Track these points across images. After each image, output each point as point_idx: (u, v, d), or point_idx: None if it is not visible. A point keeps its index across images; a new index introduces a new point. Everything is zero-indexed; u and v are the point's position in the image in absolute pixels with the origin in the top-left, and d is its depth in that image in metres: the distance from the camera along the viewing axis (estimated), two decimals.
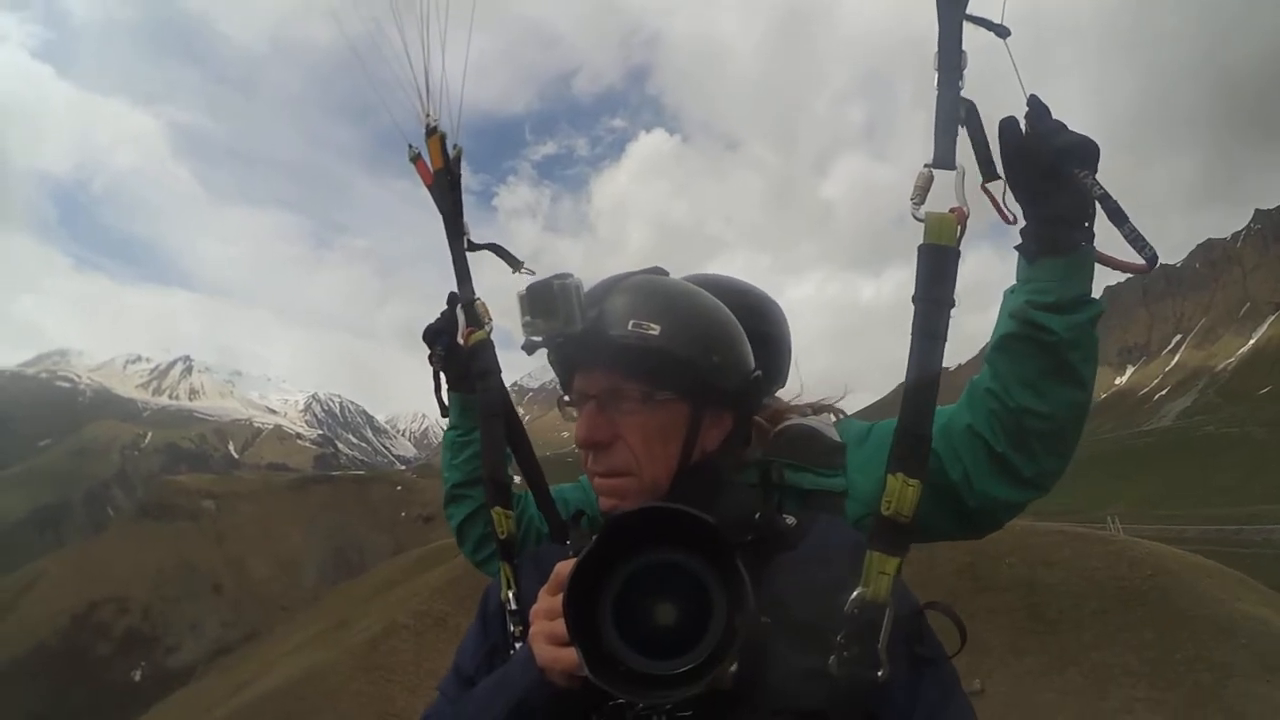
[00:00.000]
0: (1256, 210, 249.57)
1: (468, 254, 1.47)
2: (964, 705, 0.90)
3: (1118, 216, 0.99)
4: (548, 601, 0.86)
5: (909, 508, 0.87)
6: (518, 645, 1.02)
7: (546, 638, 0.83)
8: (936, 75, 0.97)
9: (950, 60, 0.97)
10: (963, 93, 0.98)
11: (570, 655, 0.78)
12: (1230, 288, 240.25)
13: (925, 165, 0.96)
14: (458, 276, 1.45)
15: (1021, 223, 1.09)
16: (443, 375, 1.57)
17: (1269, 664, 7.82)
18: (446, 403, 1.61)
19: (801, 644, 0.85)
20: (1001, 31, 1.02)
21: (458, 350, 1.52)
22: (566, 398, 1.05)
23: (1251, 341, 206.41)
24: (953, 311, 0.93)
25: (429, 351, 1.55)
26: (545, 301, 0.97)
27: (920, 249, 0.93)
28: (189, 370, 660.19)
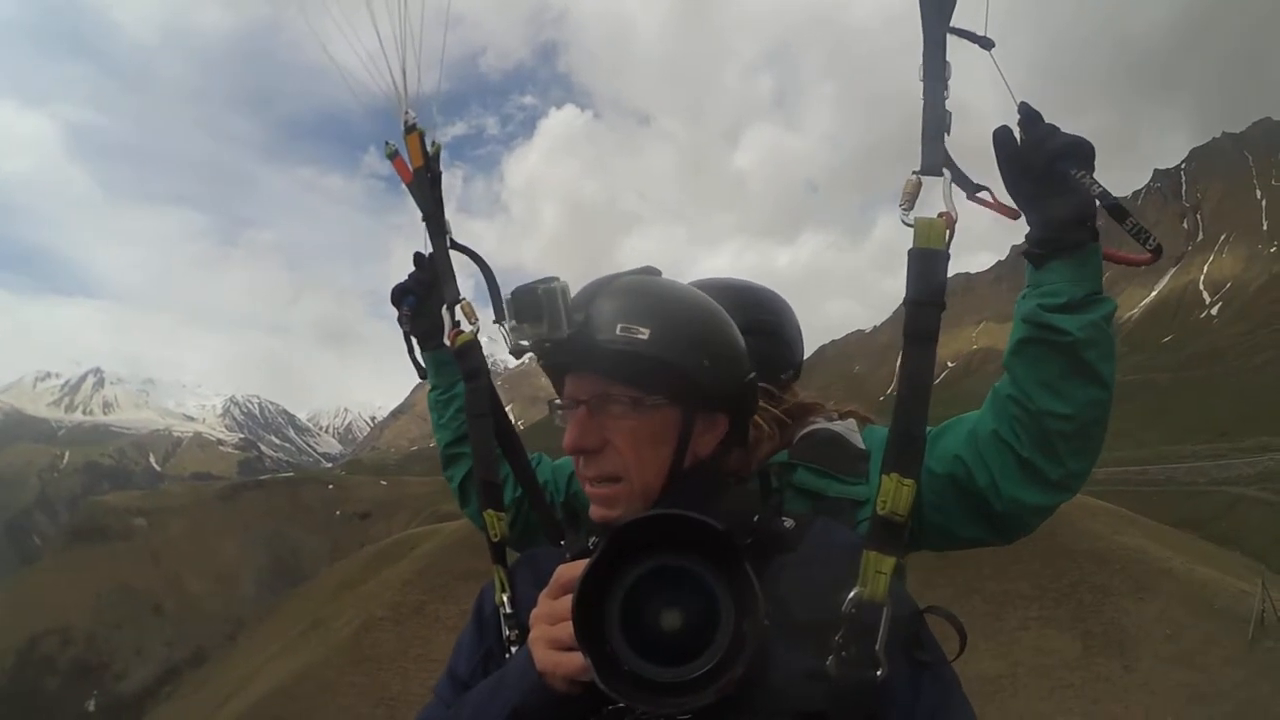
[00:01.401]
0: (1155, 170, 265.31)
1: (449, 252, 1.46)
2: (964, 705, 0.90)
3: (1119, 213, 1.03)
4: (549, 605, 0.86)
5: (904, 507, 0.88)
6: (513, 649, 1.03)
7: (547, 642, 0.83)
8: (922, 85, 1.00)
9: (935, 70, 1.00)
10: (947, 103, 0.99)
11: (571, 660, 0.78)
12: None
13: (913, 172, 0.98)
14: (441, 276, 1.43)
15: (1026, 227, 1.13)
16: (413, 337, 1.60)
17: (1141, 584, 9.62)
18: (422, 364, 1.64)
19: (801, 645, 0.85)
20: (985, 43, 1.05)
21: (425, 308, 1.55)
22: (557, 401, 1.04)
23: (1154, 293, 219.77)
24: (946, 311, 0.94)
25: (398, 313, 1.56)
26: (530, 307, 0.95)
27: (910, 253, 0.94)
28: (101, 383, 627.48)
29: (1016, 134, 1.08)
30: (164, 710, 27.89)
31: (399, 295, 1.56)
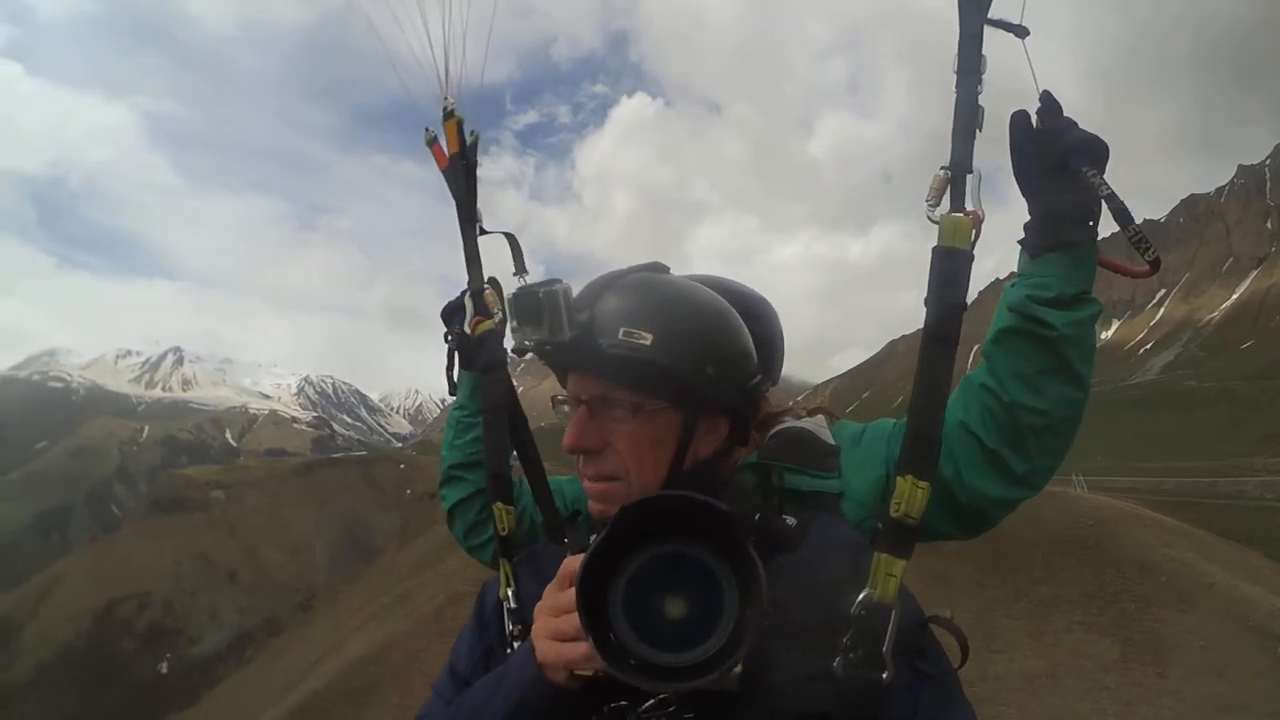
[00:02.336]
0: (1239, 165, 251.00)
1: (479, 240, 1.45)
2: (966, 711, 0.89)
3: (1123, 217, 1.00)
4: (554, 597, 0.85)
5: (918, 510, 0.86)
6: (515, 645, 1.02)
7: (549, 634, 0.82)
8: (955, 78, 0.97)
9: (970, 64, 0.97)
10: (981, 98, 0.97)
11: (574, 651, 0.78)
12: (1214, 243, 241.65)
13: (942, 168, 0.96)
14: (468, 263, 1.42)
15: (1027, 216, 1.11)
16: (456, 354, 1.58)
17: (1182, 597, 10.14)
18: (457, 381, 1.61)
19: (804, 645, 0.84)
20: (1020, 31, 1.02)
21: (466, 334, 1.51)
22: (560, 397, 1.03)
23: (1235, 296, 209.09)
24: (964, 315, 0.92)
25: (445, 330, 1.56)
26: (531, 311, 0.94)
27: (934, 251, 0.92)
28: (180, 361, 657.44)
29: (1034, 121, 1.08)
30: (246, 674, 29.97)
31: (449, 313, 1.56)
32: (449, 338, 1.56)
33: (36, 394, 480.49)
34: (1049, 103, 1.05)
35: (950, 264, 0.92)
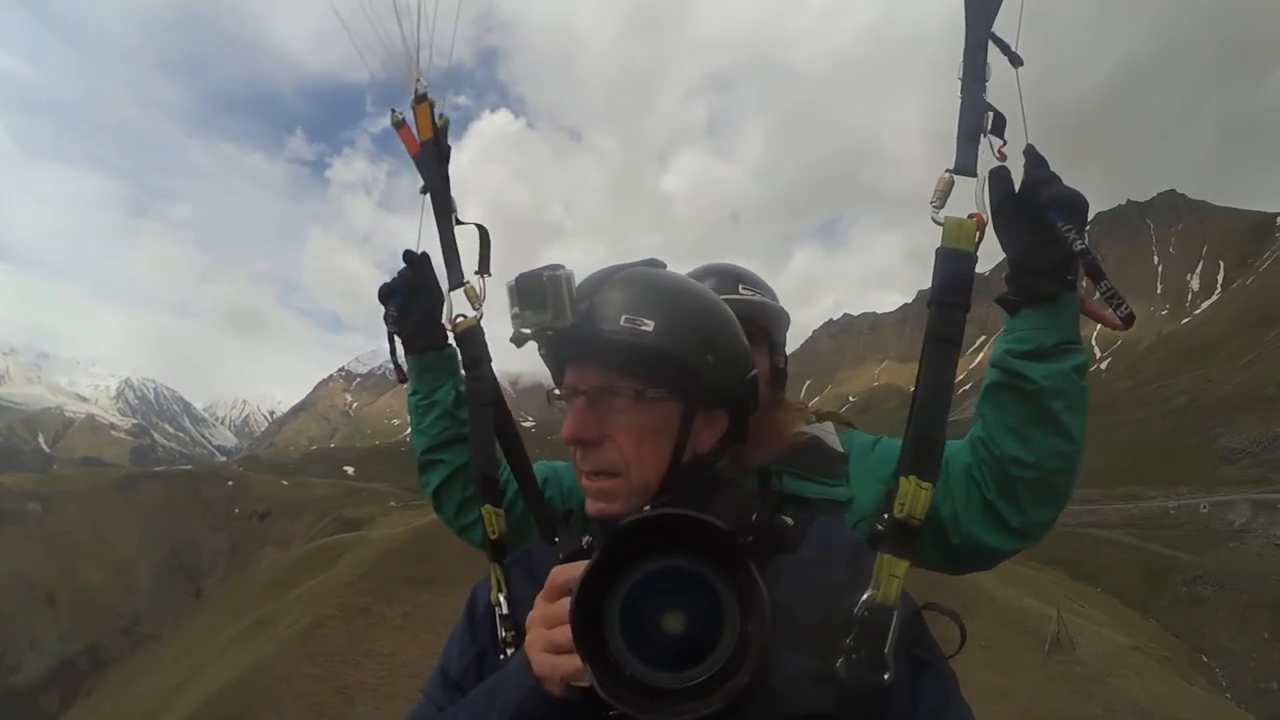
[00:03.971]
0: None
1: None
2: (964, 705, 0.89)
3: (1095, 273, 1.02)
4: (545, 608, 0.83)
5: (921, 510, 0.86)
6: (508, 651, 0.99)
7: (544, 646, 0.81)
8: (960, 83, 0.99)
9: (975, 71, 0.99)
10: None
11: (570, 662, 0.76)
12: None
13: (947, 170, 0.96)
14: (445, 257, 1.37)
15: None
16: (398, 339, 1.53)
17: (966, 606, 12.25)
18: (404, 367, 1.56)
19: (805, 647, 0.83)
20: (1015, 60, 1.03)
21: (411, 311, 1.50)
22: (557, 391, 1.01)
23: None
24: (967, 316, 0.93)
25: (384, 311, 1.50)
26: (534, 293, 0.93)
27: (938, 253, 0.92)
28: None
29: (1016, 178, 1.07)
30: (93, 704, 27.80)
31: (386, 294, 1.50)
32: (388, 319, 1.51)
33: None
34: (1033, 156, 1.06)
35: (954, 265, 0.93)
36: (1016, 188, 1.07)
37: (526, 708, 0.83)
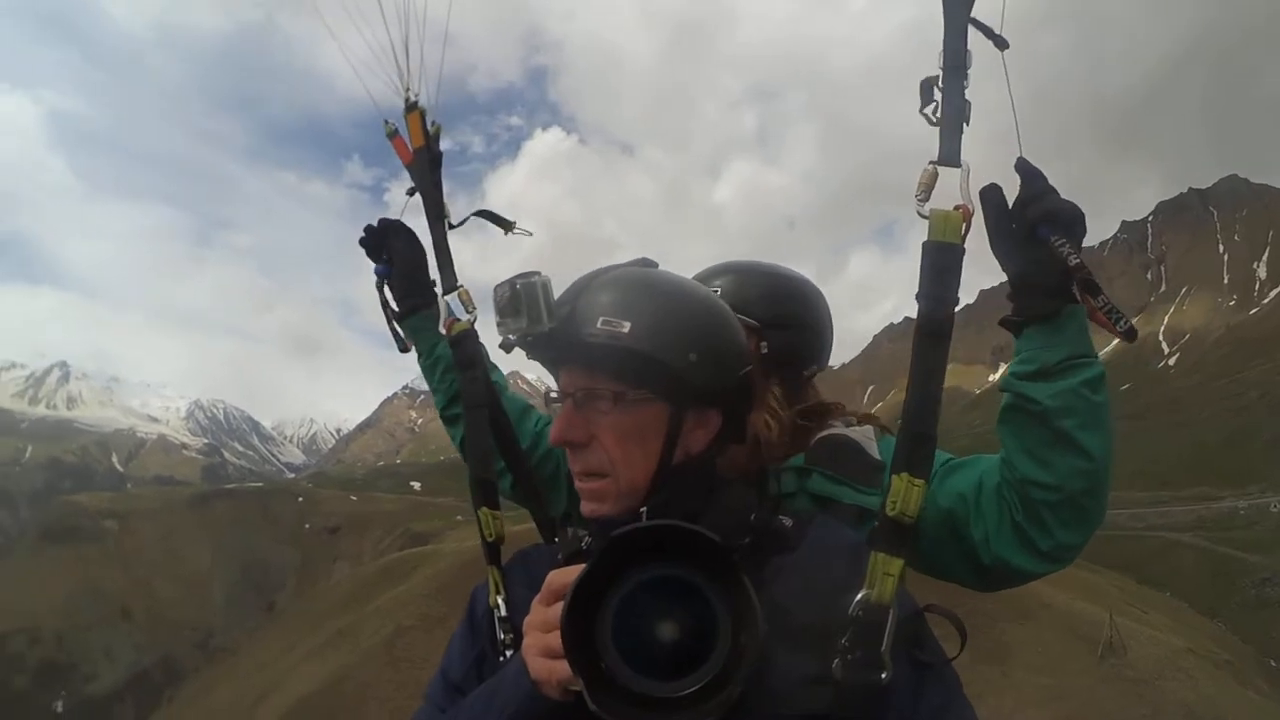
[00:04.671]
0: (1123, 221, 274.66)
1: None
2: (966, 707, 0.88)
3: (1090, 289, 0.99)
4: (541, 613, 0.83)
5: (914, 508, 0.86)
6: (507, 653, 0.99)
7: (540, 650, 0.81)
8: (941, 74, 0.97)
9: (956, 60, 0.97)
10: (966, 93, 0.97)
11: (566, 668, 0.75)
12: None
13: (930, 162, 0.95)
14: (439, 262, 1.38)
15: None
16: (391, 309, 1.56)
17: (1023, 613, 12.69)
18: (404, 337, 1.57)
19: (803, 648, 0.83)
20: (1000, 43, 1.02)
21: (394, 272, 1.53)
22: (553, 394, 1.02)
23: (1114, 342, 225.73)
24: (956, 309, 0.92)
25: (374, 267, 1.54)
26: (509, 301, 0.95)
27: (924, 246, 0.92)
28: (66, 377, 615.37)
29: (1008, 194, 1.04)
30: (179, 710, 29.38)
31: (373, 242, 1.55)
32: (378, 288, 1.55)
33: None
34: (1026, 169, 1.03)
35: (941, 259, 0.92)
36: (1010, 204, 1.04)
37: (524, 712, 0.83)
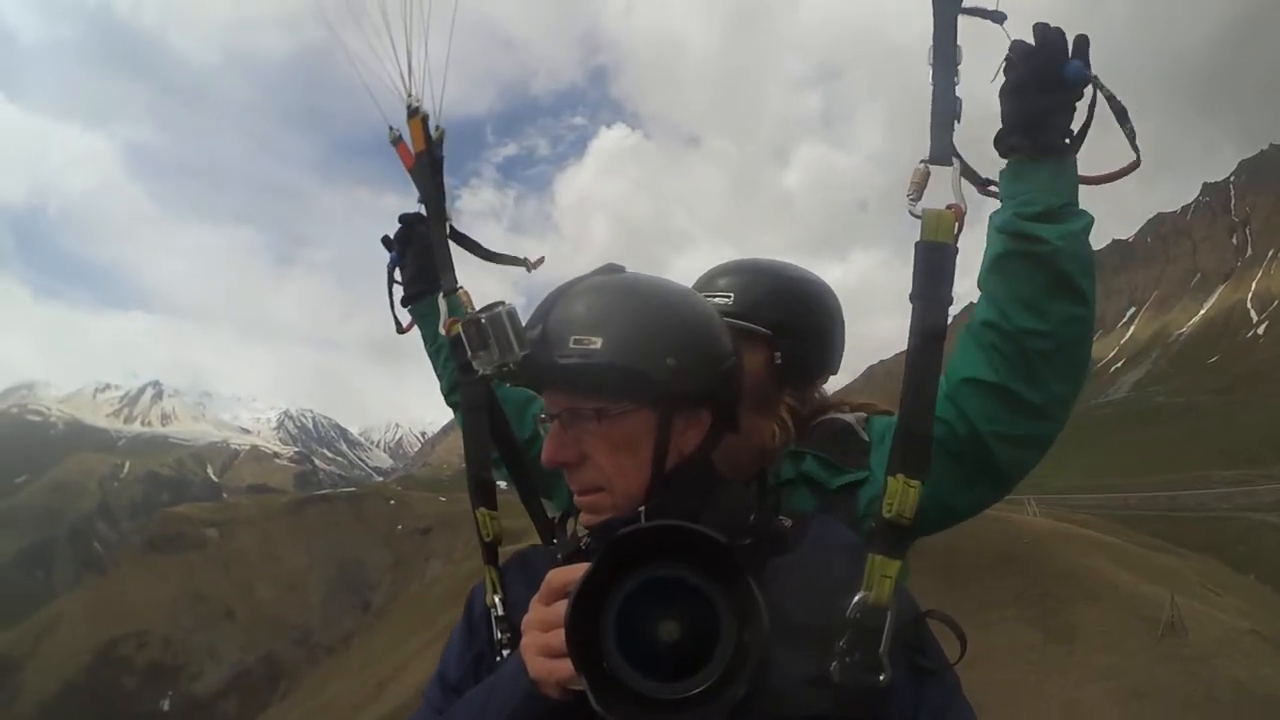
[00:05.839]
0: (1204, 183, 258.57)
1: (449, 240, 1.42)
2: (966, 710, 0.88)
3: (1120, 113, 1.01)
4: (541, 612, 0.83)
5: (910, 510, 0.85)
6: (505, 653, 0.99)
7: (539, 649, 0.80)
8: (931, 70, 0.96)
9: (946, 55, 0.96)
10: (957, 89, 0.95)
11: (565, 666, 0.74)
12: (1180, 260, 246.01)
13: (921, 161, 0.94)
14: (439, 263, 1.39)
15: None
16: (397, 292, 1.62)
17: (1090, 595, 13.49)
18: (410, 322, 1.61)
19: (802, 649, 0.83)
20: (997, 17, 1.01)
21: (406, 260, 1.59)
22: (543, 415, 1.01)
23: (1202, 312, 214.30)
24: (951, 310, 0.91)
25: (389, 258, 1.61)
26: (477, 336, 0.94)
27: (917, 246, 0.90)
28: (159, 395, 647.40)
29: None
30: (291, 706, 31.46)
31: (404, 239, 1.60)
32: (389, 273, 1.62)
33: (14, 427, 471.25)
34: (1043, 25, 1.03)
35: (934, 258, 0.91)
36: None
37: (522, 711, 0.83)
